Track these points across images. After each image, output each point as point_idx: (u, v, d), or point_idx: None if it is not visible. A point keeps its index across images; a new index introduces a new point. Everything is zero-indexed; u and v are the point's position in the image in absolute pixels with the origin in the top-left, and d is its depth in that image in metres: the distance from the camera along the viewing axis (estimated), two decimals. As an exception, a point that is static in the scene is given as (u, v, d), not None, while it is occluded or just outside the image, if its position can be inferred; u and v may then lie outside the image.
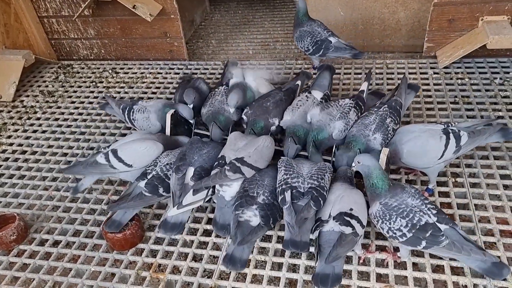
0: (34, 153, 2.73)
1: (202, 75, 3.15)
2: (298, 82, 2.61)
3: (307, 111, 2.30)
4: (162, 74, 3.41)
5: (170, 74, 3.40)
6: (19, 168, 2.62)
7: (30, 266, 2.02)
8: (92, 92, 3.30)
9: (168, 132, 2.42)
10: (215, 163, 2.05)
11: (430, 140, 2.00)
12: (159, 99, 2.98)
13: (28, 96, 3.33)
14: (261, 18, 4.20)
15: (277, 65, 3.30)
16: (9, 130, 2.97)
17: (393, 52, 3.35)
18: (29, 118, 3.07)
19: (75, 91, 3.33)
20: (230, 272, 1.87)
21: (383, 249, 1.89)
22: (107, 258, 2.02)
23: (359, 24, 3.30)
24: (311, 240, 1.87)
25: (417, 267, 1.82)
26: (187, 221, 2.09)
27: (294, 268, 1.89)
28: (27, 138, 2.87)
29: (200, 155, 2.11)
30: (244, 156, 2.00)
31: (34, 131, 2.94)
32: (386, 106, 2.17)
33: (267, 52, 3.59)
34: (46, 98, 3.28)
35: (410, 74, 3.00)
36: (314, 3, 3.22)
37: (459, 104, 2.66)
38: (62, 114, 3.08)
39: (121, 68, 3.58)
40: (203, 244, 2.05)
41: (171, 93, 3.12)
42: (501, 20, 2.81)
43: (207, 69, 3.40)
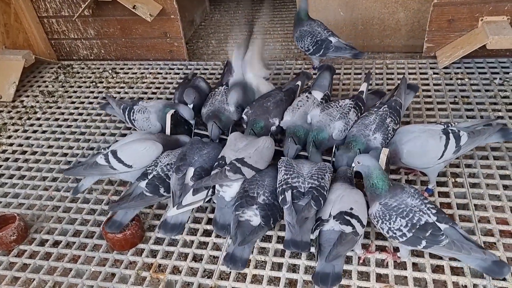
0: (34, 153, 2.73)
1: (202, 75, 3.15)
2: (298, 83, 2.61)
3: (307, 112, 2.30)
4: (162, 74, 3.42)
5: (170, 74, 3.40)
6: (19, 168, 2.62)
7: (30, 266, 2.02)
8: (92, 92, 3.30)
9: (168, 132, 2.43)
10: (215, 164, 2.05)
11: (430, 140, 2.00)
12: (159, 99, 2.99)
13: (28, 96, 3.33)
14: (260, 18, 4.19)
15: (277, 65, 3.30)
16: (9, 130, 2.97)
17: (392, 53, 3.35)
18: (29, 118, 3.08)
19: (75, 91, 3.33)
20: (230, 272, 1.87)
21: (383, 249, 1.89)
22: (107, 258, 2.02)
23: (359, 24, 3.30)
24: (312, 240, 1.87)
25: (417, 267, 1.83)
26: (187, 221, 2.09)
27: (294, 268, 1.89)
28: (27, 138, 2.87)
29: (200, 155, 2.11)
30: (244, 156, 2.00)
31: (34, 131, 2.94)
32: (386, 106, 2.18)
33: (267, 52, 3.59)
34: (46, 98, 3.28)
35: (409, 74, 3.00)
36: (314, 3, 3.23)
37: (459, 104, 2.66)
38: (62, 114, 3.08)
39: (121, 68, 3.58)
40: (203, 244, 2.05)
41: (171, 93, 3.12)
42: (500, 20, 2.82)
43: (207, 69, 3.40)
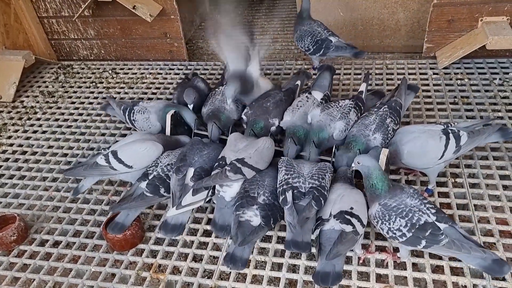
0: (34, 153, 2.73)
1: (202, 75, 3.15)
2: (298, 82, 2.61)
3: (307, 112, 2.31)
4: (162, 74, 3.42)
5: (170, 74, 3.40)
6: (19, 169, 2.62)
7: (31, 266, 2.02)
8: (92, 92, 3.30)
9: (168, 132, 2.43)
10: (215, 164, 2.05)
11: (430, 140, 2.00)
12: (159, 99, 2.99)
13: (28, 96, 3.33)
14: (260, 18, 4.20)
15: (277, 65, 3.31)
16: (9, 130, 2.97)
17: (392, 53, 3.36)
18: (29, 119, 3.08)
19: (75, 92, 3.33)
20: (230, 272, 1.87)
21: (382, 249, 1.89)
22: (107, 258, 2.02)
23: (359, 25, 3.31)
24: (312, 240, 1.87)
25: (416, 268, 1.83)
26: (187, 222, 2.09)
27: (294, 268, 1.89)
28: (27, 138, 2.87)
29: (200, 156, 2.11)
30: (244, 157, 2.00)
31: (34, 132, 2.94)
32: (386, 107, 2.18)
33: (266, 52, 3.59)
34: (46, 98, 3.28)
35: (409, 74, 3.00)
36: (314, 3, 3.22)
37: (459, 105, 2.66)
38: (62, 114, 3.08)
39: (121, 69, 3.58)
40: (203, 245, 2.05)
41: (171, 93, 3.12)
42: (500, 20, 2.82)
43: (207, 69, 3.40)
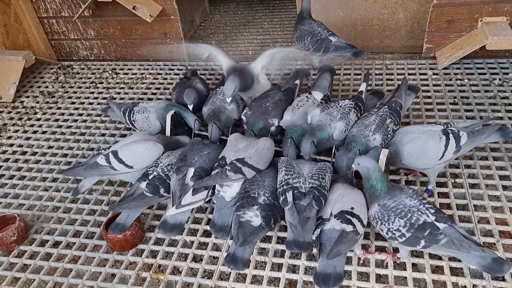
0: (34, 154, 2.73)
1: (202, 76, 3.15)
2: (297, 82, 2.61)
3: (307, 112, 2.31)
4: (162, 74, 3.42)
5: (170, 74, 3.40)
6: (19, 169, 2.62)
7: (31, 266, 2.02)
8: (92, 93, 3.30)
9: (168, 132, 2.43)
10: (216, 164, 2.05)
11: (430, 141, 2.00)
12: (159, 100, 2.99)
13: (28, 96, 3.34)
14: (260, 19, 4.20)
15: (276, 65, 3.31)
16: (9, 130, 2.97)
17: (392, 53, 3.36)
18: (29, 119, 3.08)
19: (75, 92, 3.33)
20: (230, 272, 1.88)
21: (382, 249, 1.89)
22: (108, 258, 2.02)
23: (359, 25, 3.31)
24: (313, 240, 1.88)
25: (416, 268, 1.83)
26: (186, 221, 2.10)
27: (294, 268, 1.89)
28: (28, 139, 2.87)
29: (200, 156, 2.12)
30: (245, 157, 2.00)
31: (34, 132, 2.94)
32: (386, 107, 2.18)
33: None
34: (46, 98, 3.28)
35: (409, 75, 3.00)
36: (313, 3, 3.22)
37: (458, 105, 2.66)
38: (62, 114, 3.08)
39: (121, 69, 3.58)
40: (203, 245, 2.05)
41: (171, 93, 3.12)
42: (500, 21, 2.82)
43: (207, 69, 3.40)
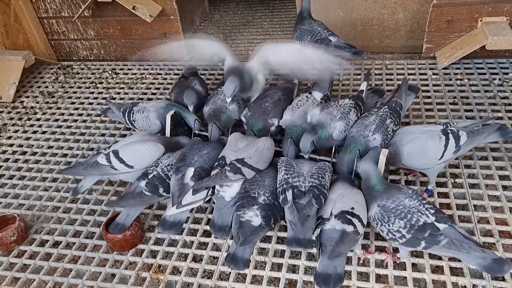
0: (34, 154, 2.73)
1: (202, 75, 3.15)
2: (296, 81, 2.61)
3: (307, 111, 2.30)
4: (161, 74, 3.42)
5: (170, 74, 3.40)
6: (19, 169, 2.62)
7: (31, 266, 2.02)
8: (92, 93, 3.30)
9: (168, 133, 2.43)
10: (215, 164, 2.05)
11: (430, 141, 2.00)
12: (159, 100, 2.99)
13: (28, 97, 3.33)
14: (260, 19, 4.20)
15: (276, 65, 3.31)
16: (9, 131, 2.97)
17: (392, 53, 3.36)
18: (29, 119, 3.08)
19: (75, 92, 3.33)
20: (230, 272, 1.88)
21: (382, 249, 1.89)
22: (107, 258, 2.02)
23: (358, 25, 3.31)
24: (313, 240, 1.88)
25: (416, 268, 1.83)
26: (186, 221, 2.10)
27: (293, 268, 1.89)
28: (27, 139, 2.87)
29: (200, 155, 2.12)
30: (244, 157, 2.00)
31: (34, 132, 2.94)
32: (386, 107, 2.18)
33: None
34: (46, 99, 3.28)
35: (409, 75, 3.00)
36: (313, 3, 3.22)
37: (458, 105, 2.66)
38: (62, 115, 3.08)
39: (120, 69, 3.58)
40: (203, 245, 2.05)
41: (170, 94, 3.12)
42: (500, 21, 2.82)
43: (207, 69, 3.40)
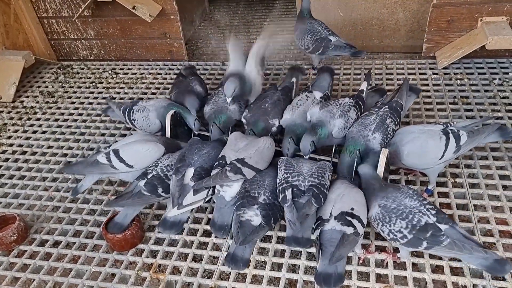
0: (34, 153, 2.73)
1: (202, 75, 3.15)
2: (293, 80, 2.61)
3: (307, 110, 2.30)
4: (161, 74, 3.42)
5: (170, 74, 3.40)
6: (19, 169, 2.62)
7: (31, 266, 2.02)
8: (92, 92, 3.30)
9: (168, 133, 2.43)
10: (215, 163, 2.05)
11: (430, 140, 2.00)
12: (159, 98, 2.98)
13: (28, 96, 3.33)
14: (260, 19, 4.20)
15: (276, 65, 3.31)
16: (9, 130, 2.97)
17: (392, 53, 3.36)
18: (29, 119, 3.08)
19: (75, 92, 3.33)
20: (230, 272, 1.88)
21: (382, 249, 1.89)
22: (107, 258, 2.02)
23: (358, 25, 3.31)
24: (313, 241, 1.88)
25: (416, 268, 1.83)
26: (186, 221, 2.09)
27: (294, 268, 1.89)
28: (27, 138, 2.87)
29: (200, 155, 2.11)
30: (245, 157, 2.00)
31: (34, 132, 2.94)
32: (387, 107, 2.18)
33: (266, 52, 3.58)
34: (46, 98, 3.28)
35: (409, 74, 3.00)
36: (313, 3, 3.22)
37: (458, 105, 2.66)
38: (62, 114, 3.08)
39: (120, 69, 3.58)
40: (203, 245, 2.05)
41: (169, 94, 3.12)
42: (500, 20, 2.82)
43: (207, 69, 3.40)
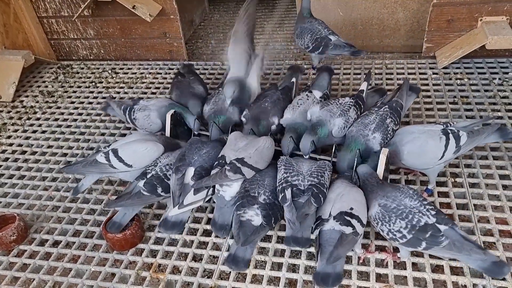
0: (34, 153, 2.73)
1: (202, 75, 3.15)
2: (293, 80, 2.61)
3: (307, 110, 2.30)
4: (161, 74, 3.42)
5: (170, 74, 3.40)
6: (19, 168, 2.62)
7: (30, 266, 2.02)
8: (92, 92, 3.30)
9: (168, 132, 2.43)
10: (215, 163, 2.05)
11: (430, 141, 2.00)
12: (159, 98, 2.98)
13: (27, 96, 3.33)
14: (260, 19, 4.19)
15: (276, 65, 3.31)
16: (9, 130, 2.97)
17: (392, 53, 3.36)
18: (28, 119, 3.07)
19: (75, 91, 3.33)
20: (230, 272, 1.87)
21: (382, 249, 1.89)
22: (107, 258, 2.02)
23: (358, 25, 3.31)
24: (312, 240, 1.88)
25: (416, 267, 1.83)
26: (187, 220, 2.09)
27: (294, 268, 1.89)
28: (27, 138, 2.87)
29: (199, 155, 2.11)
30: (244, 156, 2.00)
31: (33, 131, 2.94)
32: (387, 107, 2.18)
33: (266, 52, 3.59)
34: (46, 98, 3.28)
35: (409, 74, 3.00)
36: (313, 3, 3.22)
37: (458, 105, 2.66)
38: (62, 114, 3.08)
39: (120, 68, 3.58)
40: (203, 244, 2.05)
41: (169, 94, 3.12)
42: (500, 20, 2.82)
43: (207, 69, 3.40)
